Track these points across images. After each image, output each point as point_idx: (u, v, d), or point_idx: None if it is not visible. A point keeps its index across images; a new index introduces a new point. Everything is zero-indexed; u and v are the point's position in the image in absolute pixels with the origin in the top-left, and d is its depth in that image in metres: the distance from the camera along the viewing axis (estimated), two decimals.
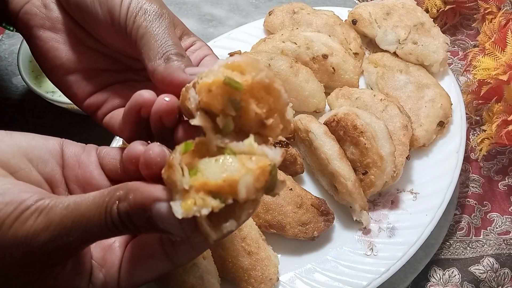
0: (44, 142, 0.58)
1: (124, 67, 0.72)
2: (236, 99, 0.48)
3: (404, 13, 1.07)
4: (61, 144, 0.59)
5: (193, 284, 0.77)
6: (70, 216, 0.48)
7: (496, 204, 1.00)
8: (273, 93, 0.49)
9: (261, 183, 0.45)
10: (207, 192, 0.45)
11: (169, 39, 0.61)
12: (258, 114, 0.49)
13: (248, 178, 0.45)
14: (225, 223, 0.46)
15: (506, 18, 1.04)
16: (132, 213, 0.48)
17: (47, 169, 0.57)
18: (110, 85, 0.71)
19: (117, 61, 0.72)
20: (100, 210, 0.48)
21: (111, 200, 0.48)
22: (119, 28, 0.64)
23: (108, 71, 0.71)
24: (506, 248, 0.95)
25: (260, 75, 0.48)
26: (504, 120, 0.93)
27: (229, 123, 0.49)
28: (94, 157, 0.60)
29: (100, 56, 0.71)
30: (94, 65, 0.71)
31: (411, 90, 1.00)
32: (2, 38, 1.23)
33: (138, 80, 0.72)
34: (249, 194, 0.45)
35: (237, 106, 0.49)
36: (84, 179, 0.59)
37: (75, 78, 0.70)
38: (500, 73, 0.93)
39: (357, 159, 0.90)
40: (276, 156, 0.47)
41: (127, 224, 0.48)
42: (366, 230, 0.90)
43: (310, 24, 1.10)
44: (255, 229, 0.84)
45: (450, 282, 0.92)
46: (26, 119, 1.11)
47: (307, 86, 0.99)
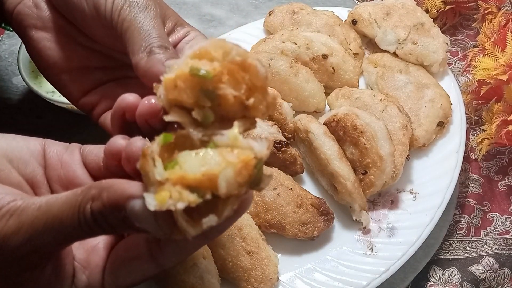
0: (25, 143, 0.57)
1: (117, 64, 0.71)
2: (209, 88, 0.45)
3: (404, 13, 1.07)
4: (43, 144, 0.58)
5: (193, 284, 0.77)
6: (42, 217, 0.46)
7: (495, 204, 1.00)
8: (249, 70, 0.45)
9: (243, 178, 0.42)
10: (185, 186, 0.42)
11: (153, 31, 0.59)
12: (237, 97, 0.45)
13: (229, 172, 0.41)
14: (205, 218, 0.43)
15: (506, 18, 1.04)
16: (106, 213, 0.45)
17: (28, 170, 0.55)
18: (104, 83, 0.71)
19: (109, 58, 0.71)
20: (73, 210, 0.46)
21: (84, 199, 0.46)
22: (106, 23, 0.62)
23: (102, 69, 0.71)
24: (505, 248, 0.95)
25: (231, 55, 0.45)
26: (503, 120, 0.94)
27: (207, 114, 0.46)
28: (77, 156, 0.58)
29: (93, 53, 0.70)
30: (87, 63, 0.70)
31: (411, 90, 1.00)
32: (2, 38, 1.23)
33: (132, 77, 0.70)
34: (230, 189, 0.42)
35: (212, 95, 0.45)
36: (67, 179, 0.57)
37: (69, 77, 0.70)
38: (500, 73, 0.93)
39: (356, 159, 0.90)
40: (261, 148, 0.43)
41: (102, 224, 0.46)
42: (365, 230, 0.90)
43: (310, 24, 1.10)
44: (255, 229, 0.84)
45: (449, 282, 0.92)
46: (26, 119, 1.11)
47: (307, 86, 0.99)
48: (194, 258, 0.78)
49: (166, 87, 0.46)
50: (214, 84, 0.45)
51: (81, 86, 0.70)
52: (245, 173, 0.42)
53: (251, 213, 0.86)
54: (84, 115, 1.07)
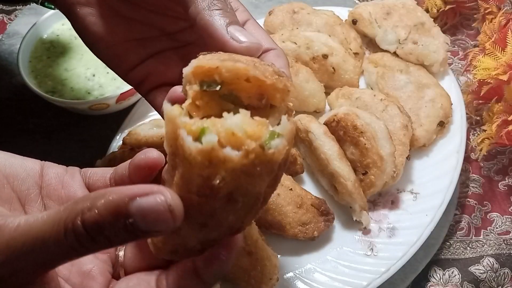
0: (23, 162, 0.57)
1: (159, 33, 0.72)
2: (225, 93, 0.45)
3: (404, 13, 1.07)
4: (42, 165, 0.58)
5: None
6: (20, 238, 0.42)
7: (496, 204, 1.00)
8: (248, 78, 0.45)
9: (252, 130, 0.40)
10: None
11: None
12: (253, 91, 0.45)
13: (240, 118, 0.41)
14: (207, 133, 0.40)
15: (506, 18, 1.04)
16: (103, 222, 0.40)
17: (23, 187, 0.55)
18: (149, 57, 0.71)
19: (151, 26, 0.71)
20: (57, 228, 0.41)
21: (71, 214, 0.41)
22: None
23: (145, 40, 0.71)
24: (506, 248, 0.95)
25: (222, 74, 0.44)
26: (504, 120, 0.93)
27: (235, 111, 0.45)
28: (78, 178, 0.58)
29: (135, 24, 0.71)
30: (131, 35, 0.71)
31: (411, 90, 1.00)
32: (2, 38, 1.23)
33: (175, 47, 0.71)
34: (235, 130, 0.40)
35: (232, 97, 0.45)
36: (68, 200, 0.56)
37: (115, 52, 0.70)
38: (500, 73, 0.93)
39: (357, 159, 0.90)
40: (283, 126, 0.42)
41: (97, 237, 0.41)
42: (366, 230, 0.90)
43: (310, 24, 1.10)
44: (255, 229, 0.84)
45: (450, 282, 0.92)
46: (26, 119, 1.11)
47: (307, 86, 0.99)
48: None
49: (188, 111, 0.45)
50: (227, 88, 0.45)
51: (127, 60, 0.71)
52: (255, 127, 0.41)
53: None
54: (84, 115, 1.07)
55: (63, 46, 1.09)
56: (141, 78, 0.71)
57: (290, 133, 0.42)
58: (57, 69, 1.07)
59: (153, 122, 0.95)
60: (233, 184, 0.42)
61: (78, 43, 1.09)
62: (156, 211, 0.40)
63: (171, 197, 0.41)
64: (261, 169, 0.41)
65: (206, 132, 0.40)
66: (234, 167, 0.40)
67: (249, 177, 0.42)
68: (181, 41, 0.72)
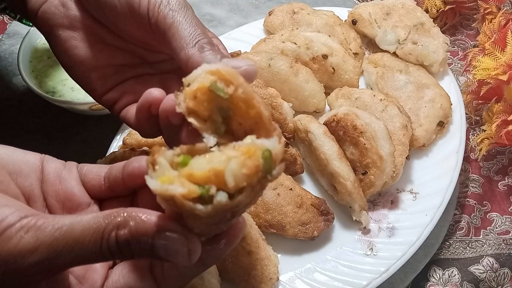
0: (25, 156, 0.58)
1: (140, 61, 0.74)
2: (223, 106, 0.48)
3: (404, 13, 1.07)
4: (42, 159, 0.59)
5: (193, 284, 0.77)
6: (63, 239, 0.46)
7: (495, 204, 1.00)
8: (254, 109, 0.48)
9: (249, 168, 0.43)
10: (194, 183, 0.44)
11: (197, 28, 0.62)
12: (243, 125, 0.48)
13: (233, 165, 0.43)
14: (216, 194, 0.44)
15: (506, 18, 1.04)
16: (132, 242, 0.47)
17: (26, 183, 0.56)
18: (126, 79, 0.73)
19: (133, 55, 0.73)
20: (96, 236, 0.46)
21: (109, 226, 0.47)
22: (140, 19, 0.64)
23: (125, 66, 0.73)
24: (505, 248, 0.95)
25: (238, 91, 0.47)
26: (504, 120, 0.94)
27: (219, 126, 0.49)
28: (75, 174, 0.59)
29: (118, 51, 0.72)
30: (112, 61, 0.72)
31: (411, 90, 1.00)
32: (2, 38, 1.23)
33: (152, 74, 0.74)
34: (238, 181, 0.43)
35: (225, 113, 0.49)
36: (64, 195, 0.58)
37: (94, 75, 0.71)
38: (500, 73, 0.93)
39: (356, 159, 0.90)
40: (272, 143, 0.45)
41: (124, 251, 0.47)
42: (365, 230, 0.90)
43: (310, 24, 1.10)
44: (255, 229, 0.84)
45: (449, 282, 0.92)
46: (26, 119, 1.11)
47: (307, 86, 0.99)
48: None
49: (186, 96, 0.49)
50: (228, 104, 0.48)
51: (105, 84, 0.72)
52: (250, 163, 0.43)
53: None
54: (84, 115, 1.07)
55: None
56: (116, 99, 0.72)
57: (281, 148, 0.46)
58: (58, 69, 1.07)
59: None
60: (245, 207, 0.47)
61: None
62: (176, 250, 0.47)
63: (192, 243, 0.47)
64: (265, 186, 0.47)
65: (210, 191, 0.43)
66: (245, 202, 0.45)
67: (257, 196, 0.47)
68: (161, 69, 0.73)
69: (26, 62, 1.06)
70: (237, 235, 0.52)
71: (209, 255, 0.52)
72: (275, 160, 0.45)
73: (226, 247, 0.52)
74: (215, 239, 0.51)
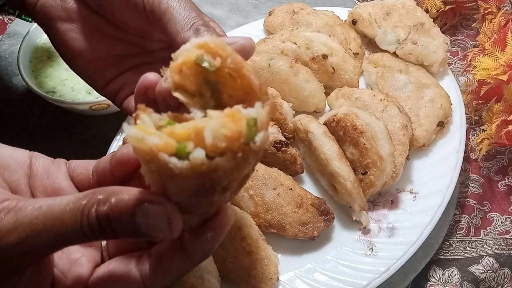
0: (13, 152, 0.58)
1: (139, 51, 0.74)
2: (211, 80, 0.47)
3: (404, 13, 1.07)
4: (30, 155, 0.59)
5: (193, 284, 0.77)
6: (42, 218, 0.45)
7: (495, 204, 1.00)
8: (244, 79, 0.46)
9: (230, 130, 0.41)
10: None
11: (192, 12, 0.62)
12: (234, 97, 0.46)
13: (214, 124, 0.41)
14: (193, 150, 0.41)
15: (506, 18, 1.04)
16: (113, 217, 0.45)
17: (13, 178, 0.56)
18: (127, 70, 0.73)
19: (132, 45, 0.73)
20: (76, 213, 0.45)
21: (89, 203, 0.45)
22: (135, 7, 0.65)
23: (124, 56, 0.73)
24: (505, 248, 0.95)
25: (227, 61, 0.46)
26: (504, 120, 0.94)
27: (208, 101, 0.48)
28: (63, 169, 0.59)
29: (116, 42, 0.73)
30: (111, 52, 0.72)
31: (411, 90, 1.00)
32: (2, 38, 1.23)
33: (152, 63, 0.74)
34: (217, 141, 0.41)
35: (213, 87, 0.47)
36: (52, 190, 0.57)
37: (94, 67, 0.72)
38: (500, 73, 0.93)
39: (356, 159, 0.90)
40: (257, 110, 0.43)
41: (105, 228, 0.45)
42: (365, 230, 0.90)
43: (310, 24, 1.10)
44: (255, 229, 0.84)
45: (449, 282, 0.92)
46: (26, 119, 1.11)
47: (307, 86, 0.99)
48: None
49: (172, 70, 0.47)
50: (216, 77, 0.47)
51: (105, 75, 0.73)
52: (232, 126, 0.41)
53: (251, 213, 0.86)
54: (84, 115, 1.07)
55: None
56: (117, 90, 0.73)
57: (266, 115, 0.44)
58: (58, 69, 1.07)
59: None
60: (227, 179, 0.44)
61: None
62: (156, 220, 0.45)
63: (171, 210, 0.46)
64: (249, 159, 0.44)
65: (187, 148, 0.42)
66: (225, 170, 0.43)
67: (239, 169, 0.44)
68: (160, 58, 0.73)
69: (26, 62, 1.06)
70: (223, 226, 0.50)
71: (196, 248, 0.50)
72: (260, 127, 0.43)
73: (213, 240, 0.50)
74: (202, 231, 0.50)
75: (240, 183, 0.48)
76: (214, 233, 0.50)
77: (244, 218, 0.84)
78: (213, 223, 0.50)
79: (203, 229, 0.50)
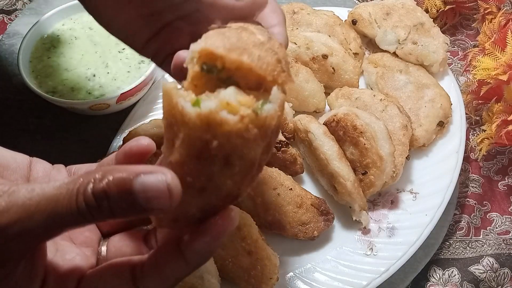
0: (13, 155, 0.57)
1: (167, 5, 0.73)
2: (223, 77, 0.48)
3: (404, 13, 1.07)
4: (30, 160, 0.59)
5: (193, 284, 0.77)
6: (36, 198, 0.44)
7: (495, 204, 1.00)
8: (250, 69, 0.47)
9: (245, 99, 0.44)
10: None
11: None
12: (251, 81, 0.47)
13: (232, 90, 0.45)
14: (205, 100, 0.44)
15: (506, 18, 1.04)
16: (110, 193, 0.43)
17: (12, 178, 0.55)
18: (160, 30, 0.73)
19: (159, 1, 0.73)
20: (71, 192, 0.44)
21: (85, 181, 0.44)
22: None
23: (152, 15, 0.73)
24: (505, 248, 0.95)
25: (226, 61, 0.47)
26: (504, 120, 0.94)
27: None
28: (64, 173, 0.59)
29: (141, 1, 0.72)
30: (142, 11, 0.72)
31: (411, 90, 1.00)
32: (2, 38, 1.23)
33: (181, 17, 0.73)
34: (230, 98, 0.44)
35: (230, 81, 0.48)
36: None
37: (130, 28, 0.72)
38: (500, 73, 0.93)
39: (356, 160, 0.90)
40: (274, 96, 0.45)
41: (102, 207, 0.43)
42: (365, 230, 0.90)
43: (310, 24, 1.10)
44: (255, 229, 0.84)
45: (449, 282, 0.92)
46: (26, 119, 1.11)
47: (307, 86, 0.99)
48: None
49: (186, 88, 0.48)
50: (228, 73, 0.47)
51: (141, 36, 0.73)
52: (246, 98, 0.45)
53: (251, 213, 0.86)
54: (84, 115, 1.07)
55: (63, 46, 1.09)
56: (155, 50, 0.74)
57: (281, 101, 0.46)
58: (58, 69, 1.07)
59: (153, 122, 0.95)
60: (230, 147, 0.45)
61: (78, 44, 1.09)
62: (156, 189, 0.43)
63: (170, 177, 0.44)
64: (255, 133, 0.44)
65: (202, 101, 0.44)
66: (230, 130, 0.43)
67: (244, 141, 0.45)
68: (188, 10, 0.73)
69: (26, 62, 1.06)
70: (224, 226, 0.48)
71: (194, 250, 0.48)
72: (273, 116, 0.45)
73: (212, 242, 0.48)
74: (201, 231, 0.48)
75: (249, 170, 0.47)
76: (214, 234, 0.48)
77: (244, 218, 0.84)
78: (213, 222, 0.48)
79: (202, 229, 0.48)
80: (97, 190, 0.43)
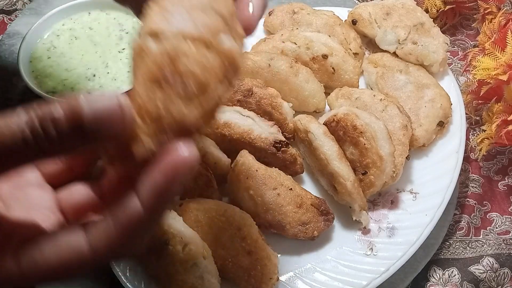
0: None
1: None
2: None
3: (404, 13, 1.07)
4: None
5: (193, 284, 0.77)
6: None
7: (495, 204, 1.00)
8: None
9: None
10: None
11: None
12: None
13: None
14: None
15: (506, 18, 1.04)
16: (57, 118, 0.40)
17: None
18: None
19: None
20: (17, 121, 0.41)
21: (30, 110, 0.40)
22: None
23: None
24: (505, 248, 0.95)
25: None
26: (503, 120, 0.94)
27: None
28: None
29: None
30: None
31: (411, 90, 1.00)
32: (2, 38, 1.23)
33: None
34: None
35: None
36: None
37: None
38: (500, 73, 0.93)
39: (356, 160, 0.90)
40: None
41: (49, 134, 0.40)
42: (365, 230, 0.90)
43: (310, 24, 1.10)
44: (255, 229, 0.84)
45: (449, 282, 0.92)
46: None
47: (307, 86, 0.99)
48: (194, 258, 0.78)
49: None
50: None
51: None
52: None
53: (251, 213, 0.86)
54: None
55: (63, 46, 1.09)
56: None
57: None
58: (58, 70, 1.07)
59: None
60: (188, 63, 0.45)
61: (78, 44, 1.09)
62: (107, 108, 0.40)
63: (123, 98, 0.41)
64: (212, 55, 0.46)
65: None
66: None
67: (202, 58, 0.46)
68: None
69: (26, 62, 1.06)
70: (174, 160, 0.43)
71: (145, 188, 0.43)
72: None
73: (164, 178, 0.43)
74: (151, 168, 0.43)
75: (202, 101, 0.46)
76: (162, 167, 0.43)
77: (244, 218, 0.84)
78: (162, 156, 0.43)
79: (154, 164, 0.44)
80: (43, 115, 0.40)
